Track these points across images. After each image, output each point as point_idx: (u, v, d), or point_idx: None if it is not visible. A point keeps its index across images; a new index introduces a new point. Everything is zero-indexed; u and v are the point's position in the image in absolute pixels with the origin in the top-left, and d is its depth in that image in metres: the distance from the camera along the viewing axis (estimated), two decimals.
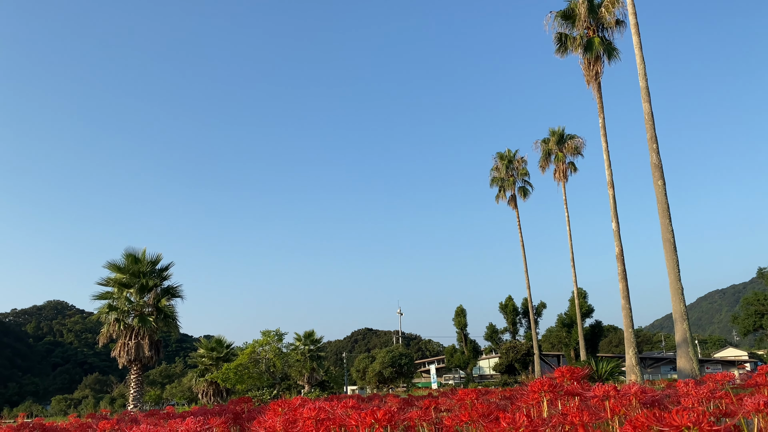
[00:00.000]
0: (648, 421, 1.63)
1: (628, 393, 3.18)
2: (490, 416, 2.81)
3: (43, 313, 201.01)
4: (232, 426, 4.40)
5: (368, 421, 1.94)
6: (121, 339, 24.76)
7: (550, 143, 40.50)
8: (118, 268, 25.47)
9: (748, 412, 2.44)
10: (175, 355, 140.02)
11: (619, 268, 22.48)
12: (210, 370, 39.37)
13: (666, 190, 18.92)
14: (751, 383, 4.23)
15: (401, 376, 52.01)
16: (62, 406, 77.34)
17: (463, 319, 58.37)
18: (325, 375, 42.94)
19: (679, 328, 18.24)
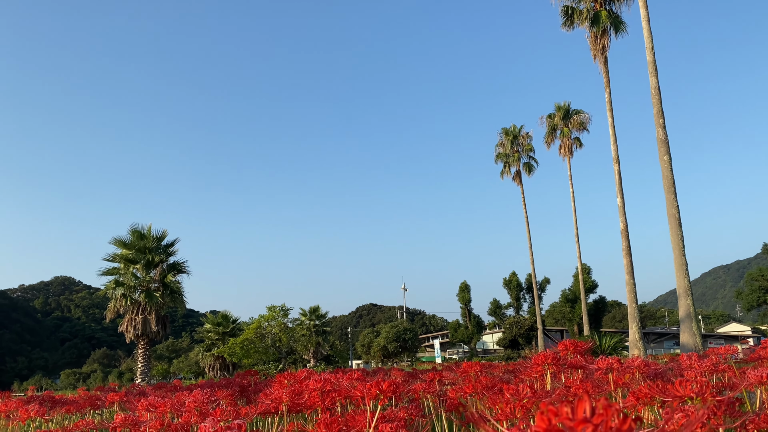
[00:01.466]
0: (651, 392, 1.64)
1: (631, 366, 3.20)
2: (493, 389, 2.83)
3: (51, 288, 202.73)
4: (239, 398, 4.45)
5: (373, 392, 1.96)
6: (128, 314, 24.97)
7: (555, 118, 40.20)
8: (124, 244, 25.58)
9: (751, 385, 2.46)
10: (181, 330, 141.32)
11: (624, 244, 22.45)
12: (216, 345, 39.79)
13: (672, 166, 18.81)
14: (754, 357, 4.25)
15: (405, 351, 52.44)
16: (71, 380, 78.39)
17: (467, 294, 58.57)
18: (330, 349, 43.31)
19: (683, 304, 18.28)
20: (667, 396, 1.56)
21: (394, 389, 2.07)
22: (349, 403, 2.87)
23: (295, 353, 38.50)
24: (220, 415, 2.10)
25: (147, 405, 3.00)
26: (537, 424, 0.65)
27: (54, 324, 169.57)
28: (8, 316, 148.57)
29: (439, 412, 3.12)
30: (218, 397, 3.30)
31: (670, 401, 1.54)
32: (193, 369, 59.30)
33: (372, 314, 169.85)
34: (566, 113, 40.15)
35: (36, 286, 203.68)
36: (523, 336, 51.41)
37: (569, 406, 0.65)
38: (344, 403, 2.83)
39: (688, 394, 1.51)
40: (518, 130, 44.64)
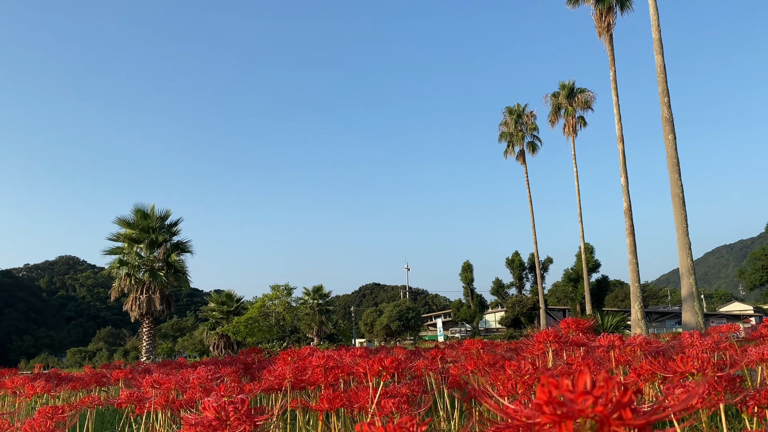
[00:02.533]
0: (652, 369, 1.65)
1: (633, 344, 3.21)
2: (495, 366, 2.85)
3: (55, 267, 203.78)
4: (243, 376, 4.49)
5: (376, 368, 1.97)
6: (132, 293, 25.12)
7: (559, 97, 39.88)
8: (127, 224, 25.64)
9: (753, 362, 2.46)
10: (186, 309, 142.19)
11: (627, 223, 22.43)
12: (221, 324, 40.04)
13: (676, 145, 18.70)
14: (756, 335, 4.26)
15: (408, 330, 52.73)
16: (77, 358, 79.17)
17: (470, 274, 58.68)
18: (333, 328, 43.58)
19: (686, 283, 18.30)
20: (668, 372, 1.56)
21: (397, 366, 2.08)
22: (352, 379, 2.90)
23: (299, 332, 38.77)
24: (224, 391, 2.12)
25: (152, 382, 3.03)
26: (538, 396, 0.65)
27: (59, 303, 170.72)
28: (14, 295, 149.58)
29: (442, 389, 3.14)
30: (222, 374, 3.33)
31: (672, 377, 1.55)
32: (197, 347, 59.79)
33: (375, 294, 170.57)
34: (571, 92, 39.83)
35: (41, 266, 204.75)
36: (525, 315, 51.61)
37: (570, 378, 0.66)
38: (347, 379, 2.85)
39: (689, 370, 1.52)
40: (522, 109, 44.33)
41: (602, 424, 0.63)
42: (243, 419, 1.31)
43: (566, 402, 0.63)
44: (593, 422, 0.63)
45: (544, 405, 0.64)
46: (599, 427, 0.63)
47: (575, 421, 0.63)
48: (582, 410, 0.63)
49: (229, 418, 1.30)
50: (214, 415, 1.29)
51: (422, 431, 0.91)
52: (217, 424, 1.32)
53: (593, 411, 0.62)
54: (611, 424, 0.63)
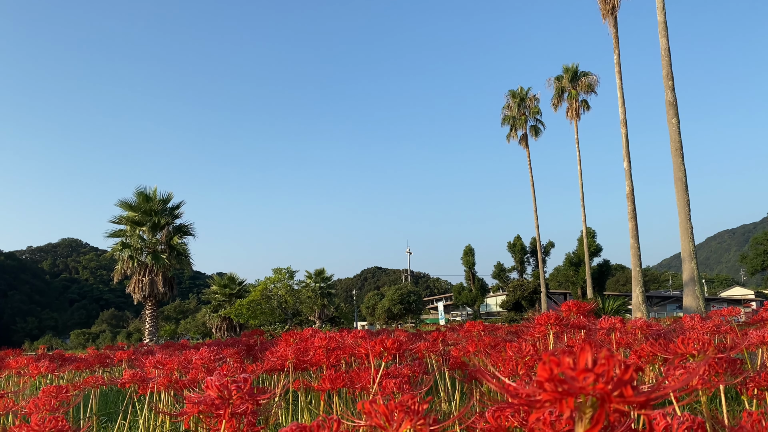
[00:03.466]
0: (653, 350, 1.65)
1: (634, 326, 3.22)
2: (496, 347, 2.86)
3: (58, 250, 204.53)
4: (246, 357, 4.52)
5: (377, 349, 1.98)
6: (135, 276, 25.21)
7: (563, 80, 39.63)
8: (129, 207, 25.66)
9: (753, 345, 2.47)
10: (188, 291, 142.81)
11: (629, 208, 22.39)
12: (223, 306, 40.23)
13: (680, 129, 18.61)
14: (757, 319, 4.27)
15: (409, 313, 52.96)
16: (81, 340, 79.65)
17: (472, 258, 58.78)
18: (335, 311, 43.74)
19: (687, 267, 18.31)
20: (669, 353, 1.57)
21: (398, 347, 2.09)
22: (354, 361, 2.91)
23: (301, 315, 38.93)
24: (227, 371, 2.13)
25: (155, 362, 3.05)
26: (539, 374, 0.65)
27: (62, 285, 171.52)
28: (17, 277, 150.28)
29: (443, 370, 3.16)
30: (225, 355, 3.35)
31: (672, 358, 1.55)
32: (200, 330, 60.14)
33: (377, 277, 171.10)
34: (574, 75, 39.57)
35: (44, 248, 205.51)
36: (526, 299, 51.75)
37: (572, 356, 0.66)
38: (349, 360, 2.87)
39: (690, 352, 1.52)
40: (525, 92, 44.08)
41: (603, 402, 0.63)
42: (245, 398, 1.32)
43: (567, 379, 0.63)
44: (594, 399, 0.63)
45: (546, 382, 0.64)
46: (600, 404, 0.63)
47: (576, 398, 0.64)
48: (583, 387, 0.63)
49: (232, 397, 1.30)
50: (216, 394, 1.30)
51: (423, 409, 0.91)
52: (220, 402, 1.33)
53: (594, 388, 0.62)
54: (612, 401, 0.63)
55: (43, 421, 1.62)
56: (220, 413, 1.36)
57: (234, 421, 1.43)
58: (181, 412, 1.60)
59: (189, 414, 1.60)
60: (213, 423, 1.57)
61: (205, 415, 1.56)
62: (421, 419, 0.88)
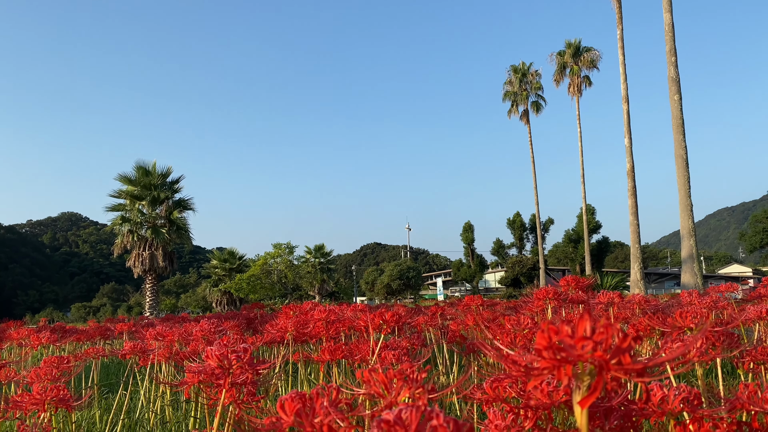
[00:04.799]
0: (651, 323, 1.66)
1: (632, 301, 3.23)
2: (494, 321, 2.88)
3: (58, 224, 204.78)
4: (246, 330, 4.54)
5: (377, 322, 1.99)
6: (135, 250, 25.28)
7: (565, 56, 39.27)
8: (129, 181, 25.62)
9: (750, 320, 2.48)
10: (188, 266, 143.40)
11: (629, 185, 22.35)
12: (223, 281, 40.44)
13: (682, 106, 18.49)
14: (755, 295, 4.29)
15: (409, 289, 53.18)
16: (81, 313, 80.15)
17: (471, 234, 58.88)
18: (335, 286, 43.97)
19: (686, 245, 18.35)
20: (666, 327, 1.58)
21: (397, 320, 2.10)
22: (353, 333, 2.93)
23: (301, 290, 39.15)
24: (227, 342, 2.15)
25: (155, 334, 3.07)
26: (538, 342, 0.66)
27: (62, 259, 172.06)
28: (17, 250, 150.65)
29: (441, 343, 3.18)
30: (225, 328, 3.37)
31: (670, 332, 1.56)
32: (200, 304, 60.44)
33: (376, 253, 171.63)
34: (576, 50, 39.20)
35: (43, 222, 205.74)
36: (525, 275, 51.98)
37: (570, 325, 0.66)
38: (348, 333, 2.88)
39: (687, 325, 1.53)
40: (527, 67, 43.71)
41: (601, 369, 0.63)
42: (245, 368, 1.32)
43: (566, 347, 0.64)
44: (592, 367, 0.64)
45: (544, 350, 0.65)
46: (598, 372, 0.63)
47: (574, 366, 0.64)
48: (581, 355, 0.63)
49: (232, 367, 1.31)
50: (216, 364, 1.31)
51: (422, 378, 0.92)
52: (220, 372, 1.34)
53: (593, 356, 0.62)
54: (610, 368, 0.63)
55: (45, 390, 1.64)
56: (220, 383, 1.37)
57: (234, 391, 1.44)
58: (182, 382, 1.61)
59: (189, 384, 1.61)
60: (213, 393, 1.58)
61: (206, 385, 1.57)
62: (420, 387, 0.88)
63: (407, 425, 0.58)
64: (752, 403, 1.11)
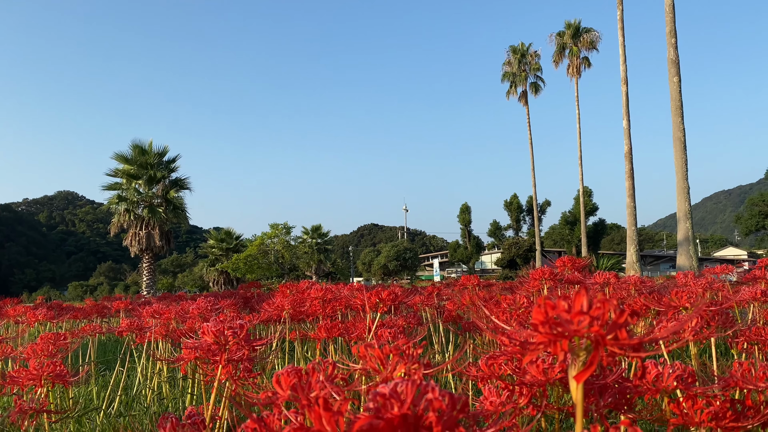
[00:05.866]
0: (647, 303, 1.67)
1: (628, 282, 3.25)
2: (491, 301, 2.89)
3: (54, 203, 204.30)
4: (242, 309, 4.56)
5: (373, 300, 1.99)
6: (132, 229, 25.25)
7: (565, 36, 38.98)
8: (125, 160, 25.51)
9: (745, 301, 2.50)
10: (185, 245, 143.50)
11: (627, 167, 22.35)
12: (220, 260, 40.46)
13: (681, 88, 18.42)
14: (749, 277, 4.31)
15: (405, 269, 53.37)
16: (78, 292, 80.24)
17: (468, 216, 58.95)
18: (332, 267, 44.07)
19: (682, 227, 18.40)
20: (662, 306, 1.58)
21: (394, 298, 2.10)
22: (350, 312, 2.94)
23: (298, 270, 39.24)
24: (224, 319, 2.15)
25: (152, 312, 3.07)
26: (534, 317, 0.66)
27: (59, 238, 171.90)
28: (14, 229, 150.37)
29: (437, 323, 3.20)
30: (222, 306, 3.37)
31: (665, 311, 1.57)
32: (197, 283, 60.58)
33: (373, 234, 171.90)
34: (576, 31, 38.91)
35: (40, 201, 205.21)
36: (521, 256, 52.15)
37: (567, 300, 0.66)
38: (345, 312, 2.89)
39: (683, 304, 1.54)
40: (526, 48, 43.42)
41: (597, 344, 0.63)
42: (242, 344, 1.33)
43: (562, 322, 0.63)
44: (588, 342, 0.64)
45: (540, 325, 0.65)
46: (594, 346, 0.63)
47: (571, 341, 0.64)
48: (578, 330, 0.63)
49: (228, 343, 1.31)
50: (213, 340, 1.31)
51: (418, 354, 0.92)
52: (216, 348, 1.34)
53: (589, 331, 0.62)
54: (607, 343, 0.63)
55: (42, 365, 1.64)
56: (216, 359, 1.38)
57: (230, 368, 1.44)
58: (178, 358, 1.62)
59: (186, 360, 1.61)
60: (209, 369, 1.59)
61: (202, 362, 1.57)
62: (416, 363, 0.89)
63: (403, 398, 0.58)
64: (746, 381, 1.12)
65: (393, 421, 0.55)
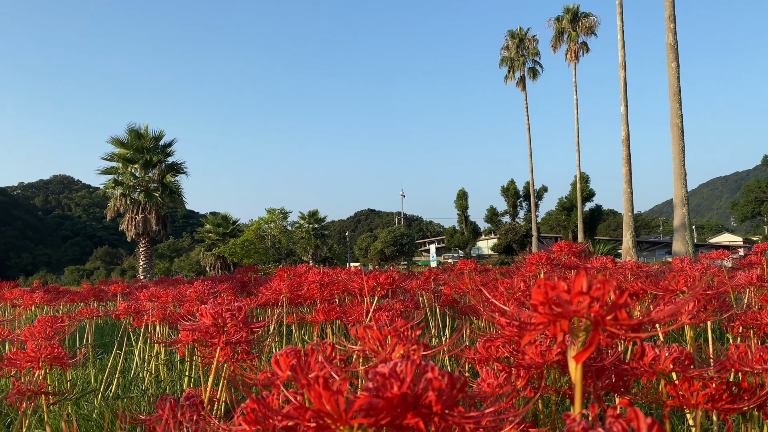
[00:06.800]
0: (644, 287, 1.67)
1: (624, 267, 3.26)
2: (487, 285, 2.90)
3: (50, 187, 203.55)
4: (240, 293, 4.56)
5: (371, 284, 1.99)
6: (128, 213, 25.20)
7: (563, 21, 38.77)
8: (121, 144, 25.39)
9: (741, 286, 2.51)
10: (182, 230, 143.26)
11: (624, 153, 22.33)
12: (217, 245, 40.42)
13: (679, 74, 18.38)
14: (745, 263, 4.32)
15: (402, 255, 53.45)
16: (75, 276, 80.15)
17: (465, 201, 58.99)
18: (328, 252, 44.10)
19: (678, 213, 18.44)
20: (659, 290, 1.59)
21: (391, 282, 2.11)
22: (347, 296, 2.95)
23: (295, 255, 39.25)
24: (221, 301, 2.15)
25: (149, 295, 3.07)
26: (533, 298, 0.65)
27: (55, 222, 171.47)
28: (9, 213, 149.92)
29: (434, 306, 3.20)
30: (219, 290, 3.37)
31: (662, 295, 1.57)
32: (194, 268, 60.58)
33: (370, 219, 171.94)
34: (575, 16, 38.70)
35: (35, 185, 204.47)
36: (517, 242, 52.25)
37: (567, 281, 0.66)
38: (342, 296, 2.90)
39: (680, 288, 1.54)
40: (525, 32, 43.19)
41: (597, 324, 0.63)
42: (240, 326, 1.33)
43: (562, 302, 0.63)
44: (588, 323, 0.64)
45: (540, 305, 0.65)
46: (594, 327, 0.63)
47: (570, 321, 0.64)
48: (578, 311, 0.63)
49: (226, 325, 1.31)
50: (211, 322, 1.31)
51: (416, 335, 0.92)
52: (214, 330, 1.34)
53: (589, 311, 0.62)
54: (606, 323, 0.63)
55: (39, 347, 1.64)
56: (214, 341, 1.38)
57: (228, 350, 1.44)
58: (176, 341, 1.62)
59: (184, 342, 1.62)
60: (207, 352, 1.59)
61: (200, 344, 1.58)
62: (414, 344, 0.89)
63: (402, 378, 0.58)
64: (742, 363, 1.13)
65: (393, 400, 0.55)
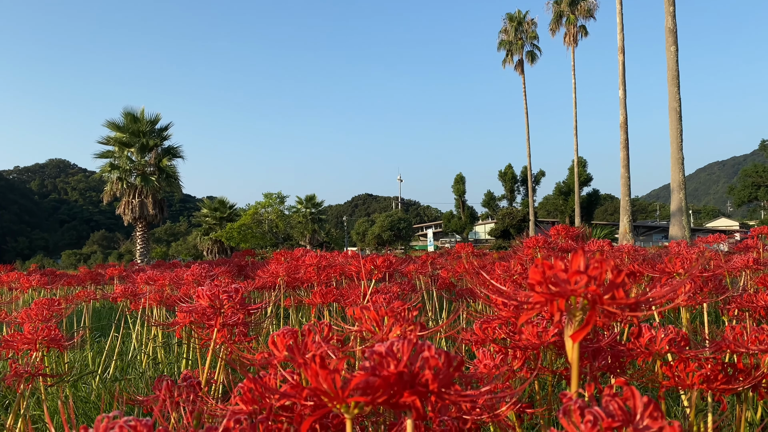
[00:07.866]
0: (641, 269, 1.68)
1: (621, 250, 3.26)
2: (484, 269, 2.90)
3: (46, 170, 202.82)
4: (237, 276, 4.56)
5: (368, 267, 1.99)
6: (124, 197, 25.15)
7: (562, 4, 38.49)
8: (117, 127, 25.28)
9: (737, 269, 2.51)
10: (179, 214, 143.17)
11: (622, 137, 22.30)
12: (214, 230, 40.41)
13: (678, 57, 18.30)
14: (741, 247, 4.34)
15: (399, 239, 53.50)
16: (72, 260, 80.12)
17: (462, 186, 58.92)
18: (326, 237, 44.11)
19: (676, 198, 18.46)
20: (655, 272, 1.59)
21: (389, 265, 2.11)
22: (345, 280, 2.95)
23: (292, 239, 39.28)
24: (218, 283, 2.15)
25: (146, 278, 3.07)
26: (531, 277, 0.65)
27: (52, 206, 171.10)
28: (5, 197, 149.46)
29: (431, 290, 3.21)
30: (216, 273, 3.37)
31: (659, 277, 1.58)
32: (191, 252, 60.60)
33: (367, 204, 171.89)
34: None
35: (31, 168, 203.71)
36: (515, 227, 52.32)
37: (564, 261, 0.65)
38: (339, 279, 2.90)
39: (677, 270, 1.54)
40: (523, 15, 42.92)
41: (594, 303, 0.63)
42: (237, 308, 1.33)
43: (559, 282, 0.63)
44: (585, 302, 0.64)
45: (537, 285, 0.64)
46: (591, 306, 0.63)
47: (567, 300, 0.64)
48: (575, 290, 0.63)
49: (223, 307, 1.31)
50: (208, 303, 1.31)
51: (413, 316, 0.92)
52: (211, 312, 1.34)
53: (586, 290, 0.62)
54: (603, 303, 0.63)
55: (36, 329, 1.64)
56: (211, 323, 1.38)
57: (226, 332, 1.44)
58: (173, 323, 1.62)
59: (181, 324, 1.62)
60: (205, 334, 1.59)
61: (197, 326, 1.58)
62: (411, 325, 0.89)
63: (399, 356, 0.58)
64: (737, 344, 1.13)
65: (389, 379, 0.55)
